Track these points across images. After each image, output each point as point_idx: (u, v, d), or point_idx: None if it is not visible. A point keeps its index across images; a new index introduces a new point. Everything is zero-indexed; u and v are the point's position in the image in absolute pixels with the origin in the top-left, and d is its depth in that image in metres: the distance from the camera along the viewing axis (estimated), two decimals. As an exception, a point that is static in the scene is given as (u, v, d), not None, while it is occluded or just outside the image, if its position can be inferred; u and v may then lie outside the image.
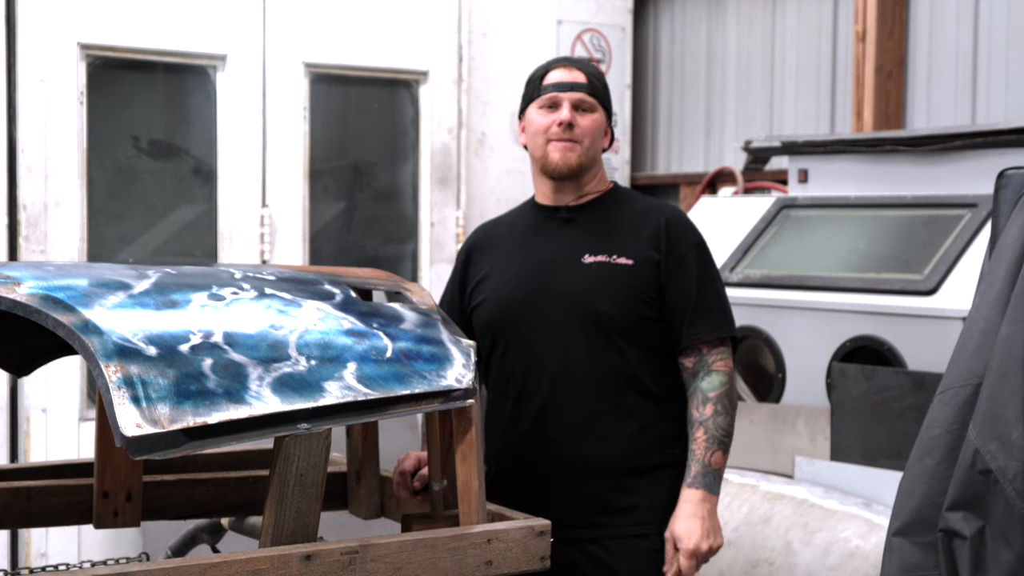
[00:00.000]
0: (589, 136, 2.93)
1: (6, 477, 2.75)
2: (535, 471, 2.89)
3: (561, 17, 6.81)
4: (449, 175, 6.41)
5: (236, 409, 1.95)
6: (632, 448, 2.86)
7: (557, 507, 2.75)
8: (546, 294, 2.90)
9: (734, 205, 5.17)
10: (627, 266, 2.87)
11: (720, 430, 2.83)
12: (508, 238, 3.05)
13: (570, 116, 2.91)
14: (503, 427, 2.94)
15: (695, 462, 2.83)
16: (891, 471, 3.74)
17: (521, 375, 2.90)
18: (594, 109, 2.95)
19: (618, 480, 2.86)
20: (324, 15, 6.05)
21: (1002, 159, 4.19)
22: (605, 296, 2.85)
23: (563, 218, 2.97)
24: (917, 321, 4.09)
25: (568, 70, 2.96)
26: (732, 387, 2.88)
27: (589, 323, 2.85)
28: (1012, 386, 1.97)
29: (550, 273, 2.91)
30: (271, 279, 2.36)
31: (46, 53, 5.41)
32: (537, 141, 2.97)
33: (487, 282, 3.00)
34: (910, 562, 2.10)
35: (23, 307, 1.99)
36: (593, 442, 2.85)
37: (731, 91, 7.01)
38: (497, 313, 2.95)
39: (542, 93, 2.95)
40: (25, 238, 5.40)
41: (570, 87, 2.93)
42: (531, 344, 2.89)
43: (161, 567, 1.95)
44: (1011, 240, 2.12)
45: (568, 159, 2.92)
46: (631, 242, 2.90)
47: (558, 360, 2.86)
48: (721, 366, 2.87)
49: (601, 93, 2.97)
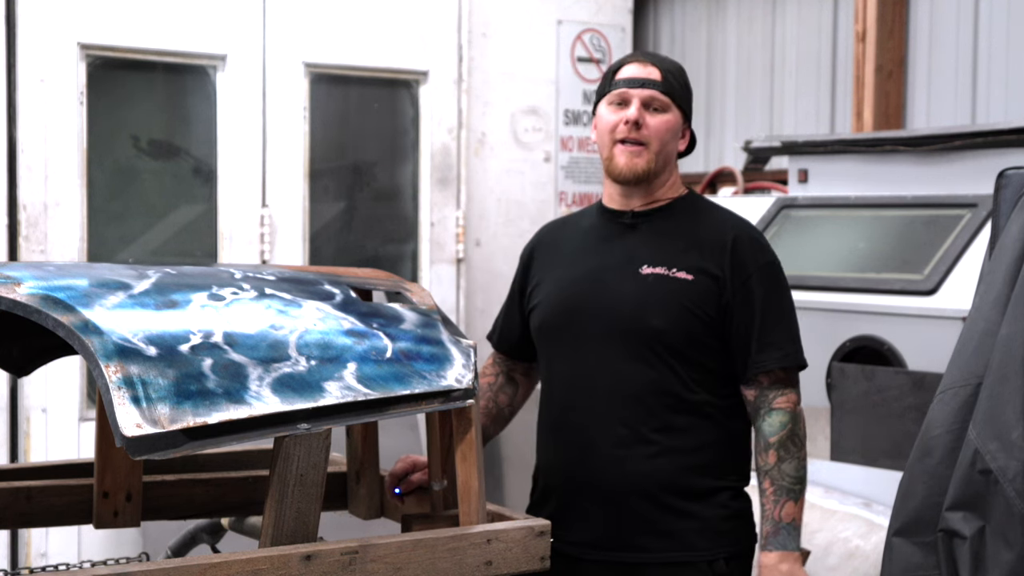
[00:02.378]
0: (658, 138, 2.72)
1: (6, 477, 2.75)
2: (581, 488, 2.74)
3: (561, 17, 6.81)
4: (449, 175, 6.41)
5: (236, 409, 1.95)
6: (683, 469, 2.69)
7: (601, 527, 2.68)
8: (598, 303, 2.73)
9: (734, 205, 5.16)
10: (686, 281, 2.68)
11: (787, 478, 2.64)
12: (570, 240, 2.88)
13: (637, 114, 2.70)
14: (550, 439, 2.83)
15: (766, 520, 2.65)
16: (891, 471, 3.73)
17: (568, 385, 2.77)
18: (667, 109, 2.73)
19: (666, 502, 2.69)
20: (324, 15, 6.05)
21: (1002, 159, 4.19)
22: (659, 310, 2.67)
23: (627, 224, 2.79)
24: (917, 321, 4.09)
25: (643, 65, 2.75)
26: (796, 425, 2.68)
27: (640, 337, 2.68)
28: (1012, 386, 1.97)
29: (605, 282, 2.74)
30: (271, 279, 2.36)
31: (46, 53, 5.41)
32: (604, 140, 2.76)
33: (543, 286, 2.85)
34: (910, 562, 2.10)
35: (23, 307, 1.99)
36: (640, 461, 2.69)
37: (731, 91, 7.01)
38: (548, 319, 2.81)
39: (613, 88, 2.75)
40: (25, 238, 5.40)
41: (641, 83, 2.72)
42: (579, 354, 2.75)
43: (161, 567, 1.95)
44: (1011, 240, 2.12)
45: (635, 165, 2.72)
46: (694, 256, 2.71)
47: (606, 373, 2.71)
48: (783, 402, 2.68)
49: (677, 92, 2.75)
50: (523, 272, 2.95)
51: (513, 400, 3.01)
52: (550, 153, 6.75)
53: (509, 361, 3.00)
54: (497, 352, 3.02)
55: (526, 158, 6.69)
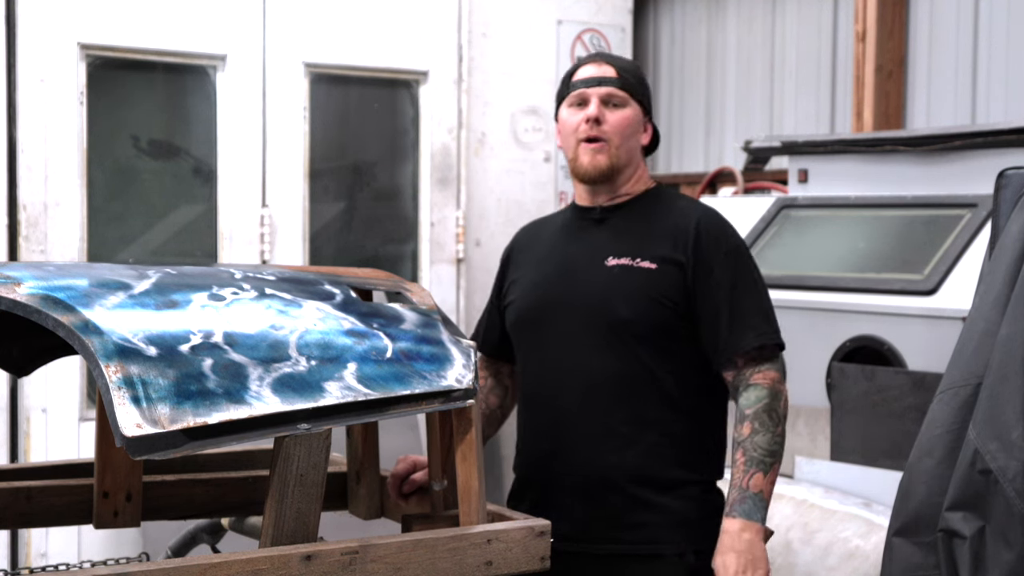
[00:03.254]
0: (619, 134, 2.78)
1: (6, 477, 2.75)
2: (554, 480, 2.77)
3: (561, 17, 6.81)
4: (449, 175, 6.41)
5: (236, 409, 1.95)
6: (653, 460, 2.71)
7: (575, 519, 2.70)
8: (567, 297, 2.78)
9: (734, 205, 5.17)
10: (649, 270, 2.72)
11: (759, 450, 2.62)
12: (545, 239, 2.93)
13: (597, 112, 2.76)
14: (527, 433, 2.87)
15: (733, 488, 2.64)
16: (891, 471, 3.74)
17: (542, 379, 2.81)
18: (625, 104, 2.79)
19: (637, 493, 2.71)
20: (324, 15, 6.05)
21: (1002, 159, 4.19)
22: (623, 300, 2.71)
23: (595, 219, 2.84)
24: (917, 321, 4.09)
25: (597, 65, 2.83)
26: (773, 400, 2.65)
27: (608, 328, 2.72)
28: (1012, 386, 1.97)
29: (573, 276, 2.80)
30: (271, 279, 2.36)
31: (46, 53, 5.41)
32: (568, 142, 2.82)
33: (518, 283, 2.91)
34: (910, 562, 2.10)
35: (23, 307, 1.99)
36: (611, 453, 2.71)
37: (731, 91, 7.01)
38: (521, 314, 2.87)
39: (571, 90, 2.82)
40: (25, 238, 5.40)
41: (598, 82, 2.79)
42: (551, 348, 2.79)
43: (161, 567, 1.95)
44: (1011, 240, 2.13)
45: (597, 162, 2.78)
46: (658, 245, 2.75)
47: (576, 366, 2.75)
48: (759, 378, 2.67)
49: (634, 87, 2.81)
50: (501, 275, 3.01)
51: (504, 400, 3.04)
52: (550, 153, 6.75)
53: (495, 363, 3.03)
54: (482, 355, 3.04)
55: (526, 158, 6.69)
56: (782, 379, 2.71)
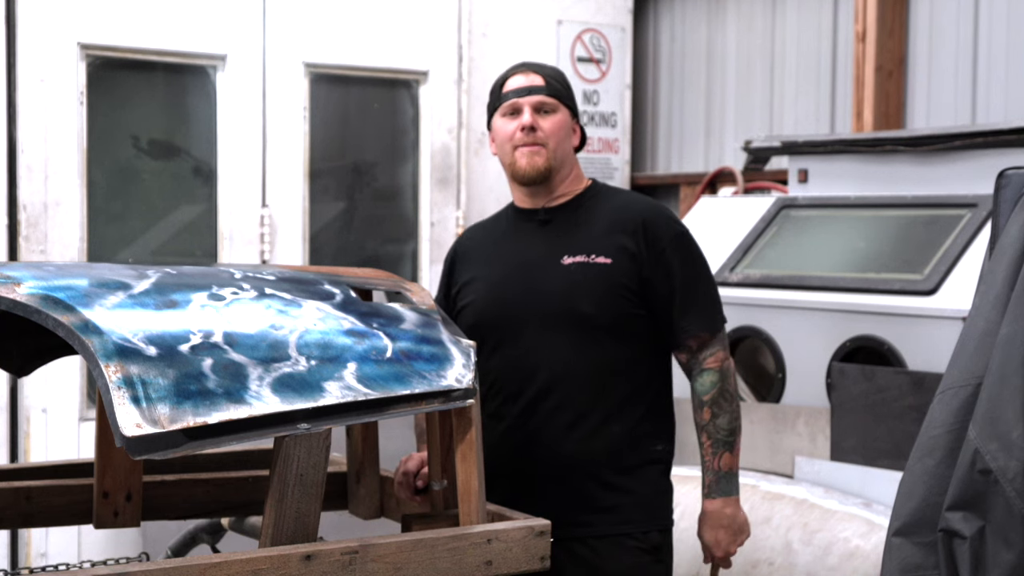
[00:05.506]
0: (553, 137, 2.92)
1: (6, 477, 2.75)
2: (523, 471, 2.89)
3: (561, 17, 6.81)
4: (449, 175, 6.41)
5: (236, 409, 1.95)
6: (618, 446, 2.87)
7: (545, 507, 2.73)
8: (528, 296, 2.90)
9: (734, 205, 5.17)
10: (605, 265, 2.87)
11: (721, 431, 2.86)
12: (490, 243, 3.06)
13: (531, 120, 2.90)
14: (491, 427, 2.94)
15: (706, 471, 2.88)
16: (891, 471, 3.74)
17: (507, 377, 2.91)
18: (556, 110, 2.94)
19: (604, 478, 2.86)
20: (324, 15, 6.05)
21: (1002, 159, 4.19)
22: (585, 296, 2.85)
23: (541, 220, 2.98)
24: (917, 321, 4.09)
25: (525, 75, 2.96)
26: (727, 382, 2.89)
27: (571, 324, 2.86)
28: (1012, 386, 1.97)
29: (531, 276, 2.92)
30: (271, 279, 2.36)
31: (46, 53, 5.41)
32: (505, 149, 2.96)
33: (472, 285, 3.02)
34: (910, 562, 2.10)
35: (23, 307, 1.99)
36: (578, 441, 2.86)
37: (731, 91, 7.01)
38: (482, 316, 2.96)
39: (503, 101, 2.96)
40: (25, 238, 5.40)
41: (528, 91, 2.92)
42: (516, 346, 2.90)
43: (161, 567, 1.95)
44: (1011, 240, 2.13)
45: (535, 163, 2.91)
46: (608, 240, 2.89)
47: (543, 361, 2.87)
48: (712, 362, 2.89)
49: (561, 93, 2.97)
50: (447, 277, 3.11)
51: None
52: (550, 153, 6.74)
53: None
54: None
55: (526, 158, 6.68)
56: (728, 355, 2.92)
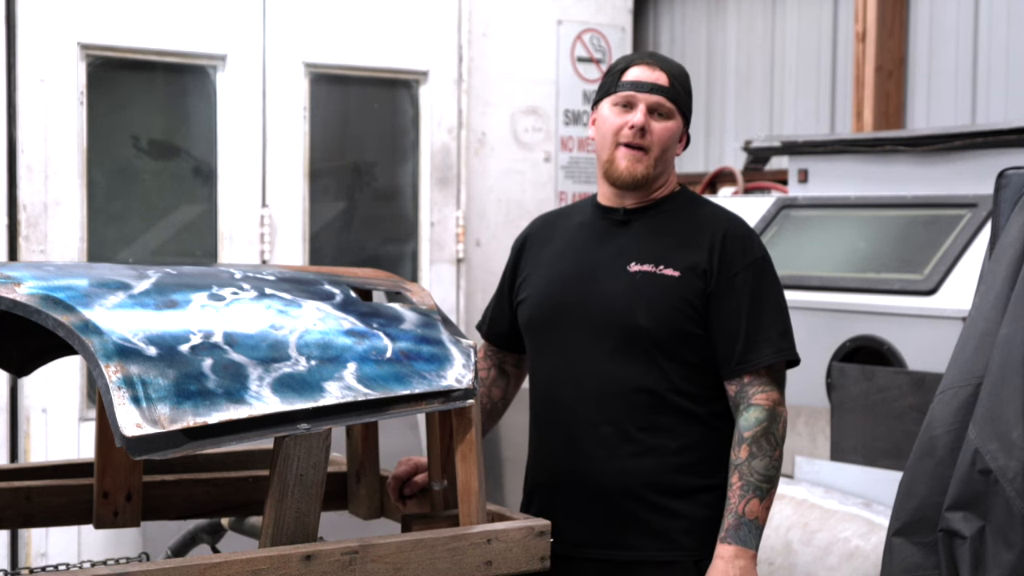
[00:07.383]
0: (661, 145, 2.70)
1: (6, 477, 2.75)
2: (570, 486, 2.72)
3: (561, 17, 6.81)
4: (449, 175, 6.41)
5: (236, 409, 1.95)
6: (670, 468, 2.67)
7: (591, 525, 2.68)
8: (586, 300, 2.71)
9: (734, 205, 5.17)
10: (672, 278, 2.66)
11: (756, 475, 2.59)
12: (562, 235, 2.85)
13: (643, 120, 2.68)
14: (538, 436, 2.83)
15: (729, 513, 2.60)
16: (891, 471, 3.74)
17: (554, 381, 2.75)
18: (671, 116, 2.71)
19: (652, 501, 2.67)
20: (324, 15, 6.05)
21: (1002, 159, 4.19)
22: (645, 309, 2.65)
23: (619, 220, 2.77)
24: (917, 321, 4.09)
25: (651, 68, 2.71)
26: (772, 424, 2.61)
27: (625, 336, 2.66)
28: (1012, 386, 1.97)
29: (593, 278, 2.72)
30: (271, 279, 2.36)
31: (46, 53, 5.41)
32: (606, 141, 2.72)
33: (532, 279, 2.83)
34: (910, 562, 2.10)
35: (23, 307, 1.99)
36: (628, 459, 2.67)
37: (731, 91, 7.01)
38: (536, 314, 2.79)
39: (619, 89, 2.71)
40: (25, 238, 5.40)
41: (649, 88, 2.69)
42: (566, 350, 2.73)
43: (161, 567, 1.95)
44: (1011, 240, 2.13)
45: (635, 170, 2.70)
46: (682, 252, 2.68)
47: (592, 370, 2.69)
48: (761, 399, 2.62)
49: (681, 99, 2.73)
50: (514, 264, 2.92)
51: (506, 393, 3.01)
52: (550, 153, 6.75)
53: (499, 352, 2.99)
54: (487, 343, 3.01)
55: (526, 158, 6.69)
56: (782, 400, 2.67)
